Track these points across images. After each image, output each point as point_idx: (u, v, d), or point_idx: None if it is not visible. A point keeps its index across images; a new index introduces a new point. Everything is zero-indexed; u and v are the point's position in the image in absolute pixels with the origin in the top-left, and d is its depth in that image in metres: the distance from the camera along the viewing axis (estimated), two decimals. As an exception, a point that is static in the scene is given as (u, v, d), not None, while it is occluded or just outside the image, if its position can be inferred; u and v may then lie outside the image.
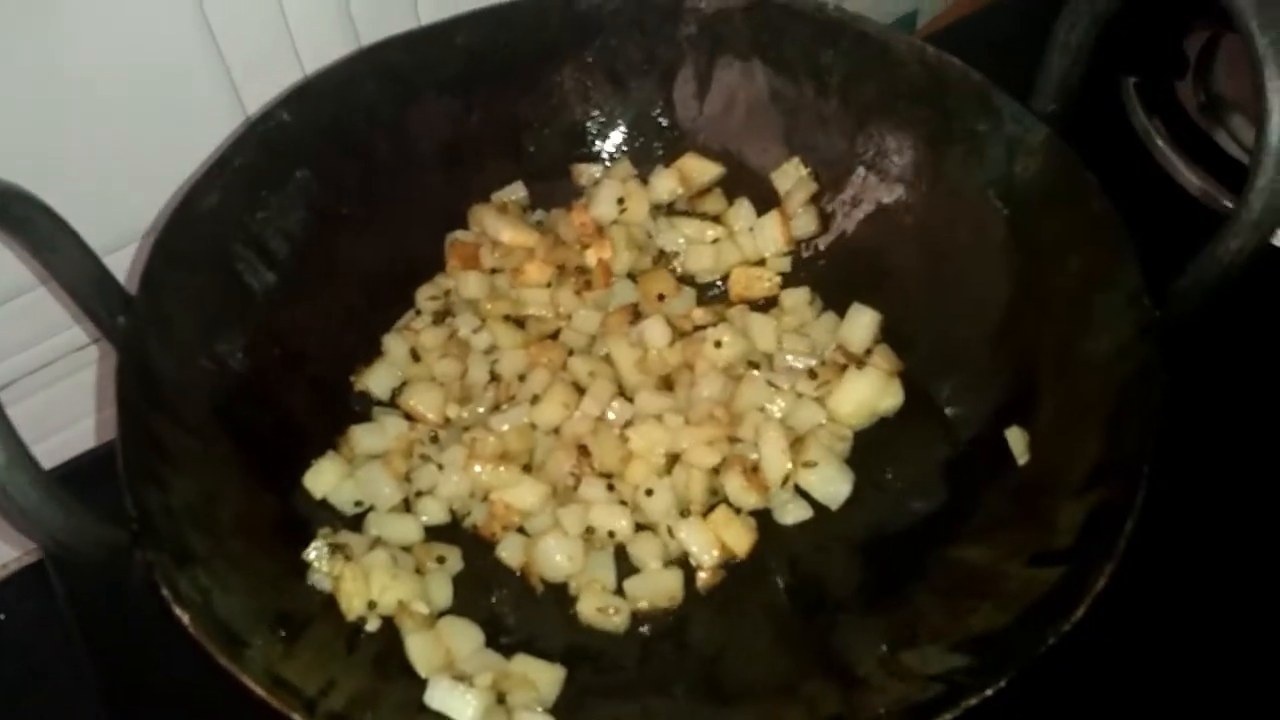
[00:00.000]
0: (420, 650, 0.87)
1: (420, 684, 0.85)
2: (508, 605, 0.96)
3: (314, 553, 0.90)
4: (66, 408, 1.17)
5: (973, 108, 1.01)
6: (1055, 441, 0.92)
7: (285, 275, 1.01)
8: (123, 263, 1.06)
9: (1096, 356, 0.90)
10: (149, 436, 0.84)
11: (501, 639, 0.92)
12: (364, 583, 0.89)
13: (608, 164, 1.17)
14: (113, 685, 1.05)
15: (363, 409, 1.05)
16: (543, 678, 0.87)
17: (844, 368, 1.03)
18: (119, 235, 1.05)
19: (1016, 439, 0.94)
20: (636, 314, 1.10)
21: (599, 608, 0.93)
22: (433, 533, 0.99)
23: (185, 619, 0.74)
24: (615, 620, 0.93)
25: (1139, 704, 0.96)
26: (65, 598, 1.09)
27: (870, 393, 1.01)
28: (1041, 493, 0.89)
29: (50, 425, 1.16)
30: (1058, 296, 0.95)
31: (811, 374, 1.03)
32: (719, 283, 1.15)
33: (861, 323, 1.05)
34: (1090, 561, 0.79)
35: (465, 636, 0.89)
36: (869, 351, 1.05)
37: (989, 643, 0.81)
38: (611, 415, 1.03)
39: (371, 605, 0.89)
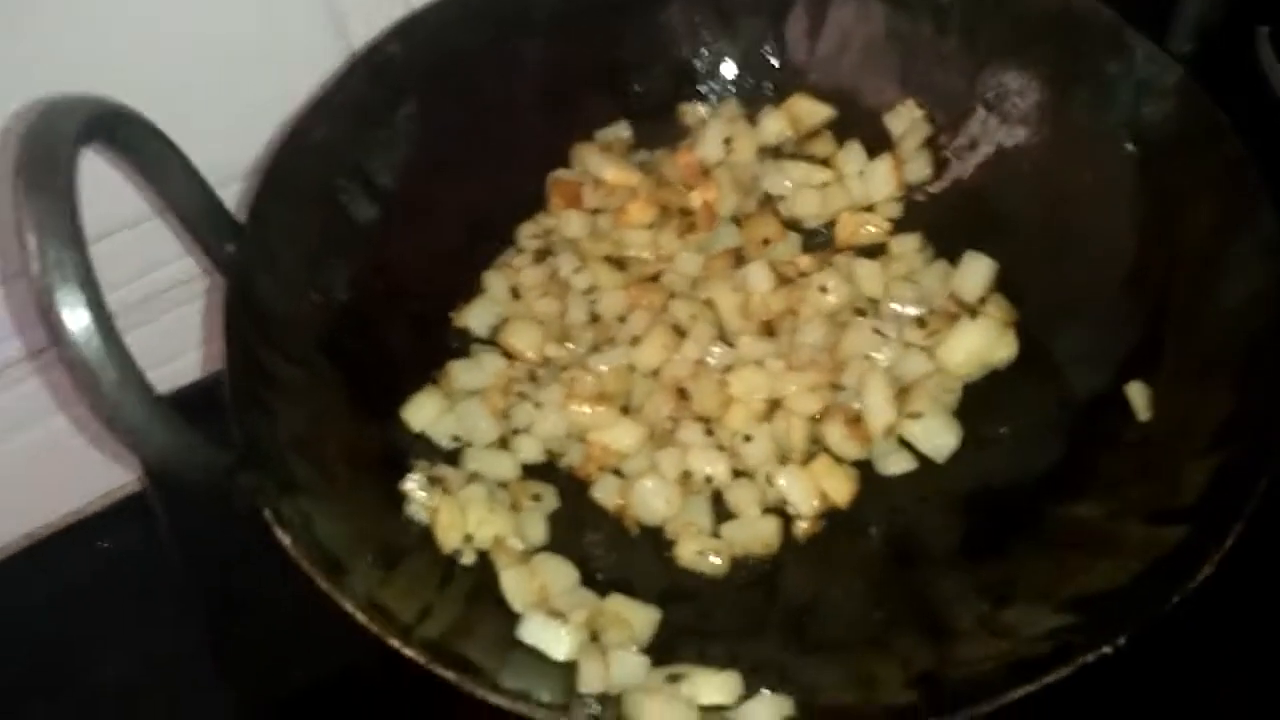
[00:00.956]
0: (515, 585, 0.87)
1: (513, 619, 0.85)
2: (601, 547, 0.95)
3: (412, 484, 0.90)
4: (172, 341, 1.19)
5: (1103, 47, 0.96)
6: (1179, 397, 0.87)
7: (389, 210, 1.01)
8: (230, 200, 1.07)
9: (1227, 307, 0.86)
10: (255, 364, 0.85)
11: (595, 579, 0.91)
12: (460, 516, 0.89)
13: (715, 104, 1.14)
14: (216, 611, 1.07)
15: (460, 346, 1.04)
16: (637, 617, 0.86)
17: (955, 317, 0.99)
18: (226, 171, 1.05)
19: (1138, 394, 0.90)
20: (739, 259, 1.07)
21: (698, 550, 0.92)
22: (528, 472, 0.98)
23: (287, 542, 0.75)
24: (714, 563, 0.91)
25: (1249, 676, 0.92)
26: (167, 526, 1.12)
27: (983, 342, 0.97)
28: (1163, 450, 0.85)
29: (157, 358, 1.18)
30: (1188, 244, 0.90)
31: (920, 322, 1.00)
32: (824, 229, 1.11)
33: (976, 270, 1.01)
34: (1216, 521, 0.75)
35: (560, 573, 0.89)
36: (983, 300, 1.00)
37: (1102, 602, 0.78)
38: (712, 359, 1.01)
39: (468, 539, 0.89)
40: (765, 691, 0.77)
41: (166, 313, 1.16)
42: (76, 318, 0.65)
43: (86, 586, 1.21)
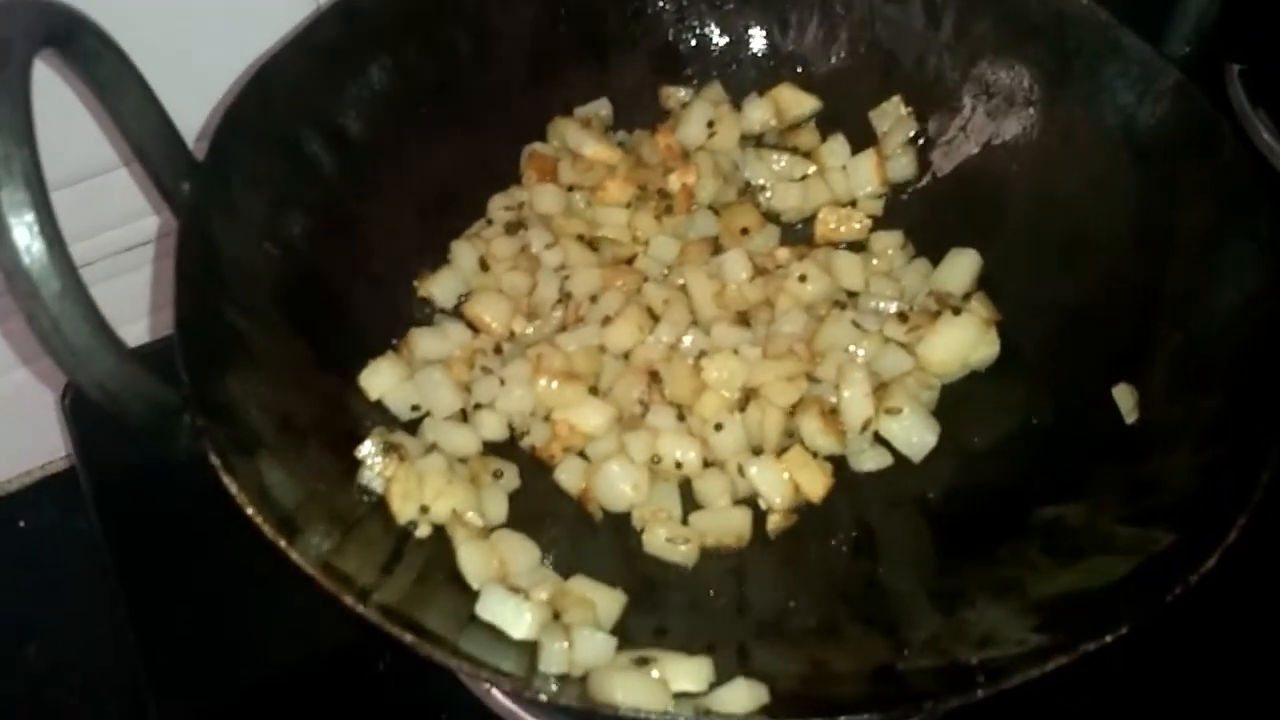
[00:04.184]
0: (473, 560, 0.81)
1: (469, 599, 0.79)
2: (561, 533, 0.90)
3: (367, 449, 0.84)
4: (117, 309, 1.12)
5: (1096, 47, 0.95)
6: (1169, 398, 0.85)
7: (356, 166, 0.96)
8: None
9: (1220, 310, 0.84)
10: (207, 309, 0.79)
11: (554, 566, 0.86)
12: (417, 485, 0.83)
13: (696, 89, 1.11)
14: (138, 593, 1.01)
15: (423, 317, 0.99)
16: (602, 600, 0.81)
17: (937, 314, 0.97)
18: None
19: (1125, 396, 0.88)
20: (716, 248, 1.04)
21: (668, 538, 0.87)
22: (488, 450, 0.93)
23: (234, 490, 0.69)
24: (683, 551, 0.87)
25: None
26: (93, 501, 1.06)
27: (966, 340, 0.95)
28: (1150, 451, 0.83)
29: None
30: (1180, 247, 0.89)
31: (902, 317, 0.97)
32: (802, 226, 1.08)
33: (961, 264, 0.99)
34: (1208, 520, 0.73)
35: (521, 551, 0.84)
36: (967, 297, 0.98)
37: (1084, 604, 0.75)
38: (685, 345, 0.97)
39: (424, 510, 0.83)
40: (740, 679, 0.72)
41: (112, 279, 1.10)
42: (20, 220, 0.59)
43: (3, 566, 1.16)
